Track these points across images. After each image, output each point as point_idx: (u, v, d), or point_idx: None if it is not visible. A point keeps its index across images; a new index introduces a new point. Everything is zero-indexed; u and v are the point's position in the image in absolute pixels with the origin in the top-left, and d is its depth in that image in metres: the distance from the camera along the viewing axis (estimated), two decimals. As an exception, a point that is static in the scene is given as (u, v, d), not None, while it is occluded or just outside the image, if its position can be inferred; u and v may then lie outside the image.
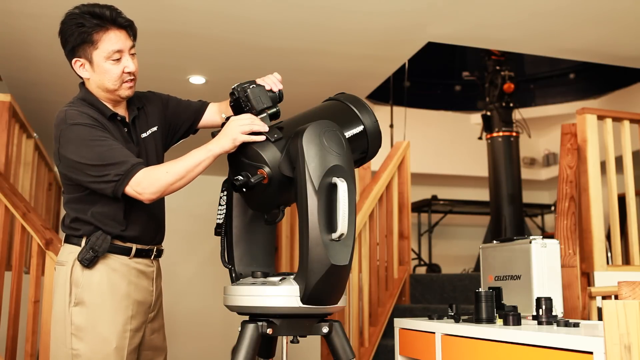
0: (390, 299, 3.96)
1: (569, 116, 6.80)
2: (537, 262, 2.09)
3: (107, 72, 1.84)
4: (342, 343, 1.68)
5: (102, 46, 1.82)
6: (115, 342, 1.84)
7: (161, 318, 2.05)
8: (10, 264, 3.51)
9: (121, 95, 1.89)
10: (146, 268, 1.96)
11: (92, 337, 1.83)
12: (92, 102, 1.89)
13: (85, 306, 1.85)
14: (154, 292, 1.98)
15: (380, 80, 4.85)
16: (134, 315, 1.91)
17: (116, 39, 1.83)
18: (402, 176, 4.31)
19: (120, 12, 1.86)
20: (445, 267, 7.20)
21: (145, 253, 1.95)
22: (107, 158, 1.76)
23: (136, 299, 1.92)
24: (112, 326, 1.85)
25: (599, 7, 3.67)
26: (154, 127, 2.02)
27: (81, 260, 1.85)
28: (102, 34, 1.82)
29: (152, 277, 1.98)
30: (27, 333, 3.05)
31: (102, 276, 1.87)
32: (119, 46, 1.83)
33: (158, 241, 2.01)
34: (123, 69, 1.85)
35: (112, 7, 1.86)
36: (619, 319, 1.33)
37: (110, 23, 1.82)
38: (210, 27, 3.86)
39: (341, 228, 1.51)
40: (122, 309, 1.88)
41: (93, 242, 1.85)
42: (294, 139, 1.58)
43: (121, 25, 1.85)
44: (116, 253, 1.89)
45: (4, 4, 3.51)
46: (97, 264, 1.87)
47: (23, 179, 4.22)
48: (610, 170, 3.53)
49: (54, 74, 4.53)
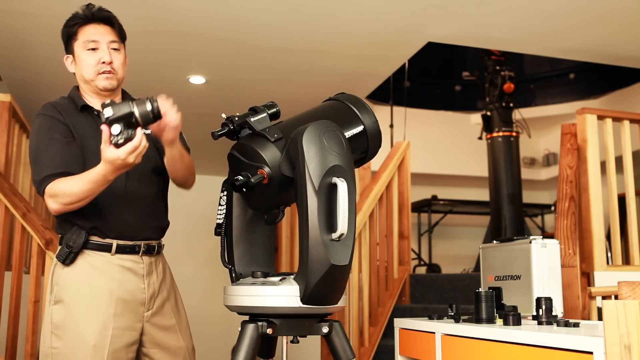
0: (390, 299, 3.96)
1: (569, 116, 6.80)
2: (537, 262, 2.09)
3: (84, 61, 1.94)
4: (342, 343, 1.68)
5: (80, 37, 1.94)
6: (94, 340, 1.82)
7: (171, 317, 2.01)
8: (10, 264, 3.51)
9: (98, 86, 1.95)
10: (134, 265, 1.93)
11: (70, 336, 1.83)
12: (72, 96, 1.99)
13: (64, 304, 1.86)
14: (147, 290, 1.95)
15: (380, 80, 4.85)
16: (119, 314, 1.88)
17: (94, 31, 1.94)
18: (402, 176, 4.31)
19: (104, 10, 1.98)
20: (445, 267, 7.20)
21: (130, 249, 1.93)
22: (39, 155, 1.87)
23: (121, 296, 1.89)
24: (90, 324, 1.83)
25: (599, 7, 3.67)
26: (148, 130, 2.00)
27: (58, 257, 1.88)
28: (83, 27, 1.95)
29: (142, 274, 1.94)
30: (27, 333, 3.05)
31: (81, 274, 1.87)
32: (95, 37, 1.93)
33: (145, 237, 1.97)
34: (99, 59, 1.93)
35: (98, 6, 1.98)
36: (619, 319, 1.33)
37: (90, 18, 1.95)
38: (210, 27, 3.86)
39: (341, 228, 1.51)
40: (102, 307, 1.86)
41: (68, 237, 1.87)
42: (294, 139, 1.57)
43: (100, 18, 1.95)
44: (96, 250, 1.89)
45: (4, 4, 3.51)
46: (76, 262, 1.88)
47: (23, 179, 4.22)
48: (610, 170, 3.53)
49: (54, 74, 4.53)
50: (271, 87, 4.88)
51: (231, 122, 1.69)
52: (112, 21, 1.97)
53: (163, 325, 1.99)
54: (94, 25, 1.94)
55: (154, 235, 2.01)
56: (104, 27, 1.95)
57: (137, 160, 1.64)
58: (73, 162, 1.86)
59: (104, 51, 1.93)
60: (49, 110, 1.93)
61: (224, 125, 1.71)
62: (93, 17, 1.95)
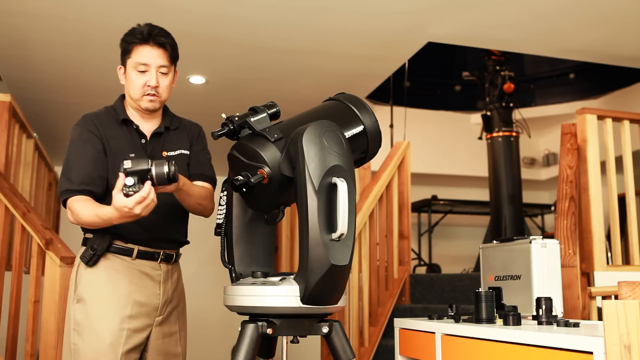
0: (390, 299, 3.95)
1: (569, 116, 6.80)
2: (537, 262, 2.09)
3: (132, 81, 2.00)
4: (342, 343, 1.68)
5: (133, 56, 1.99)
6: (110, 338, 1.90)
7: (174, 324, 2.07)
8: (10, 264, 3.51)
9: (141, 107, 2.02)
10: (152, 271, 2.01)
11: (88, 333, 1.92)
12: (115, 107, 2.06)
13: (85, 303, 1.94)
14: (161, 296, 2.02)
15: (380, 80, 4.85)
16: (134, 316, 1.95)
17: (147, 54, 1.98)
18: (402, 176, 4.31)
19: (162, 33, 2.01)
20: (445, 267, 7.20)
21: (150, 255, 2.01)
22: (68, 167, 1.94)
23: (137, 299, 1.96)
24: (107, 323, 1.91)
25: (599, 7, 3.67)
26: (185, 150, 2.11)
27: (82, 258, 1.96)
28: (137, 46, 1.98)
29: (158, 280, 2.02)
30: (27, 333, 3.05)
31: (102, 275, 1.96)
32: (147, 60, 1.97)
33: (165, 246, 2.05)
34: (146, 82, 1.98)
35: (160, 28, 2.02)
36: (619, 319, 1.33)
37: (147, 39, 1.98)
38: (210, 27, 3.86)
39: (341, 228, 1.51)
40: (119, 308, 1.93)
41: (93, 240, 1.96)
42: (294, 139, 1.57)
43: (156, 43, 1.99)
44: (118, 254, 1.98)
45: (4, 4, 3.51)
46: (99, 263, 1.97)
47: (23, 179, 4.22)
48: (610, 170, 3.53)
49: (54, 74, 4.53)
50: (271, 87, 4.88)
51: (231, 122, 1.70)
52: (166, 46, 2.00)
53: (168, 332, 2.05)
54: (148, 47, 1.98)
55: (173, 245, 2.09)
56: (157, 51, 1.98)
57: (145, 212, 1.69)
58: (97, 179, 1.94)
59: (152, 75, 1.98)
60: (87, 123, 2.00)
61: (224, 125, 1.71)
62: (149, 40, 1.98)
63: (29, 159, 4.35)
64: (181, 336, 2.10)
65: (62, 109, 5.28)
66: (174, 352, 2.06)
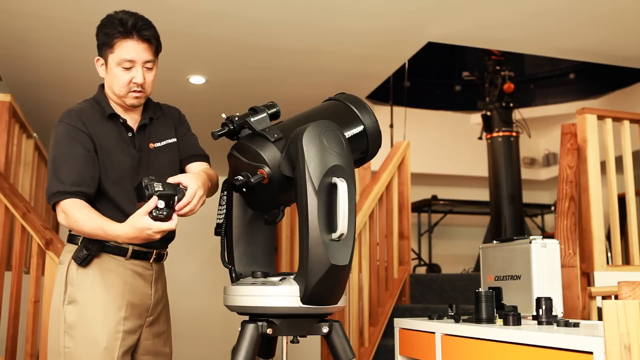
0: (390, 299, 3.95)
1: (569, 116, 6.80)
2: (537, 262, 2.09)
3: (116, 77, 1.90)
4: (342, 343, 1.68)
5: (117, 52, 1.87)
6: (105, 342, 1.85)
7: (163, 324, 2.04)
8: (10, 264, 3.51)
9: (126, 103, 1.94)
10: (144, 271, 1.97)
11: (83, 336, 1.85)
12: (99, 101, 1.96)
13: (78, 304, 1.87)
14: (153, 296, 1.98)
15: (380, 80, 4.85)
16: (128, 317, 1.90)
17: (131, 49, 1.87)
18: (402, 176, 4.31)
19: (146, 26, 1.89)
20: (445, 267, 7.20)
21: (143, 255, 1.96)
22: (57, 166, 1.84)
23: (131, 300, 1.92)
24: (103, 326, 1.86)
25: (599, 7, 3.67)
26: (171, 139, 2.05)
27: (75, 258, 1.88)
28: (121, 41, 1.87)
29: (150, 281, 1.98)
30: (27, 333, 3.05)
31: (96, 275, 1.89)
32: (132, 56, 1.87)
33: (158, 245, 1.99)
34: (131, 78, 1.89)
35: (141, 18, 1.90)
36: (619, 319, 1.33)
37: (131, 33, 1.87)
38: (210, 27, 3.86)
39: (341, 228, 1.51)
40: (114, 309, 1.88)
41: (87, 240, 1.88)
42: (294, 139, 1.58)
43: (142, 37, 1.88)
44: (112, 253, 1.91)
45: (4, 4, 3.51)
46: (92, 263, 1.89)
47: (23, 179, 4.22)
48: (610, 170, 3.53)
49: (54, 74, 4.53)
50: (271, 87, 4.88)
51: (231, 122, 1.70)
52: (151, 41, 1.90)
53: (157, 332, 2.02)
54: (132, 42, 1.87)
55: (164, 243, 2.04)
56: (142, 45, 1.88)
57: (157, 238, 1.70)
58: (89, 179, 1.86)
59: (139, 72, 1.89)
60: (72, 119, 1.89)
61: (224, 125, 1.71)
62: (133, 33, 1.87)
63: (29, 159, 4.35)
64: (168, 335, 2.07)
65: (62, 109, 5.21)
66: (163, 352, 2.03)
